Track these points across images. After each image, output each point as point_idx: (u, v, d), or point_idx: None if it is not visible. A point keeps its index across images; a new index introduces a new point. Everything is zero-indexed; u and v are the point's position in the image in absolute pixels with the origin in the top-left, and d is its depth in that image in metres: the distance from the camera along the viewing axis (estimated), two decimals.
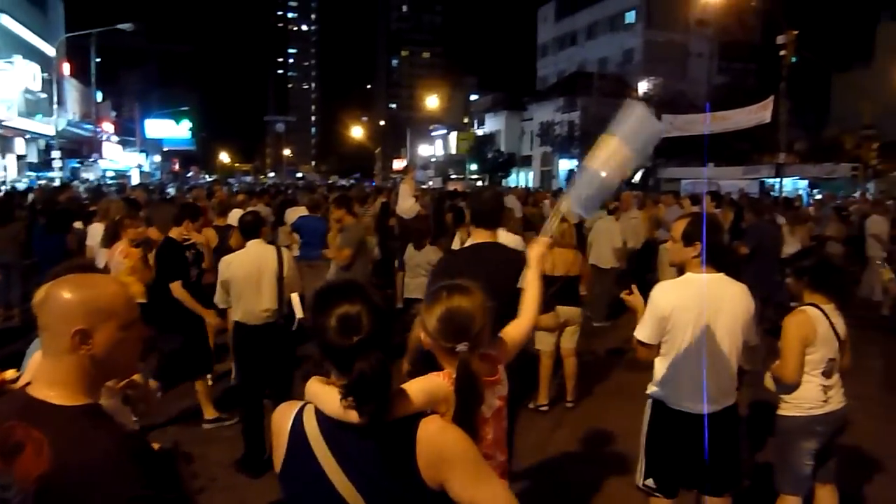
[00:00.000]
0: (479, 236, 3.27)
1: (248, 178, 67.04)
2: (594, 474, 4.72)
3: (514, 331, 2.26)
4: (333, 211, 7.39)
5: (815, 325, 3.31)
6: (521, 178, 54.73)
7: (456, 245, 6.49)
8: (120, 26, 28.83)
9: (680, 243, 3.09)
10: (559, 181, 47.21)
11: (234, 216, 7.38)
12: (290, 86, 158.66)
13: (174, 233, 5.63)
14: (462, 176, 49.28)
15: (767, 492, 3.61)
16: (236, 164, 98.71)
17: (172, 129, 50.90)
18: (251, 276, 4.80)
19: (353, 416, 1.53)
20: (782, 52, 21.94)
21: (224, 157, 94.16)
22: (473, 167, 53.58)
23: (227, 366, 6.46)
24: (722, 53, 51.58)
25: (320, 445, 1.60)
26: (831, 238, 11.20)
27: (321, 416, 1.62)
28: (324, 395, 1.62)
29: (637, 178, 39.73)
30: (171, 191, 22.78)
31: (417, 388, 1.74)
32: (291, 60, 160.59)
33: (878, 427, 5.67)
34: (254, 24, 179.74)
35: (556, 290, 5.88)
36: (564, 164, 49.30)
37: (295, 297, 4.94)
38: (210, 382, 6.35)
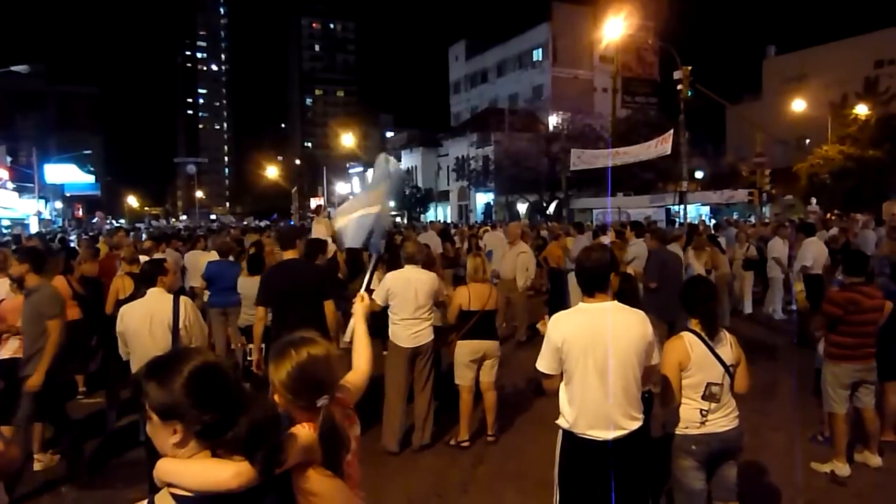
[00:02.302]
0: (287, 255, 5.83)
1: (161, 222, 64.65)
2: None
3: (355, 378, 2.40)
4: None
5: (689, 350, 3.47)
6: (440, 213, 55.25)
7: (375, 283, 6.40)
8: (14, 68, 27.52)
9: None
10: (476, 215, 47.95)
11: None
12: (200, 126, 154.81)
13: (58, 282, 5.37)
14: None
15: None
16: (146, 208, 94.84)
17: (74, 174, 48.64)
18: (144, 327, 4.62)
19: (243, 479, 1.47)
20: (679, 87, 23.22)
21: (132, 200, 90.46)
22: (391, 204, 53.62)
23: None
24: (625, 89, 54.23)
25: None
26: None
27: (183, 500, 1.51)
28: (201, 468, 1.53)
29: (551, 209, 40.95)
30: (74, 238, 21.65)
31: (294, 442, 1.74)
32: (202, 101, 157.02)
33: (778, 439, 5.96)
34: (161, 64, 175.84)
35: (473, 325, 5.94)
36: (481, 198, 50.18)
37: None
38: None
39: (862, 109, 32.56)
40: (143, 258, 7.31)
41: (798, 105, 33.59)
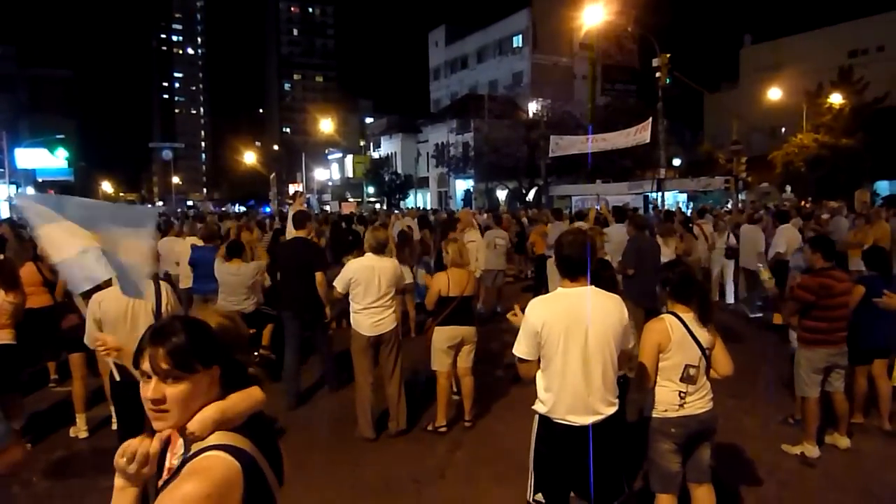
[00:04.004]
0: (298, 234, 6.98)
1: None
2: (495, 494, 4.74)
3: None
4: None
5: (671, 332, 3.49)
6: (419, 200, 55.14)
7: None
8: None
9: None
10: (456, 201, 47.93)
11: None
12: (176, 111, 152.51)
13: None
14: (359, 199, 49.00)
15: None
16: (121, 194, 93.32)
17: (47, 159, 47.62)
18: (125, 313, 4.51)
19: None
20: (657, 75, 23.30)
21: (107, 186, 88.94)
22: (371, 190, 53.49)
23: (105, 410, 6.04)
24: (604, 76, 54.43)
25: None
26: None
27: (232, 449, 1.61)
28: (239, 398, 1.71)
29: (531, 195, 41.05)
30: None
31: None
32: (177, 85, 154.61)
33: (751, 422, 6.05)
34: (136, 47, 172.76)
35: (451, 311, 5.94)
36: (461, 185, 50.12)
37: None
38: (85, 433, 5.95)
39: (836, 98, 32.99)
40: None
41: (774, 94, 33.95)
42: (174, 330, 1.60)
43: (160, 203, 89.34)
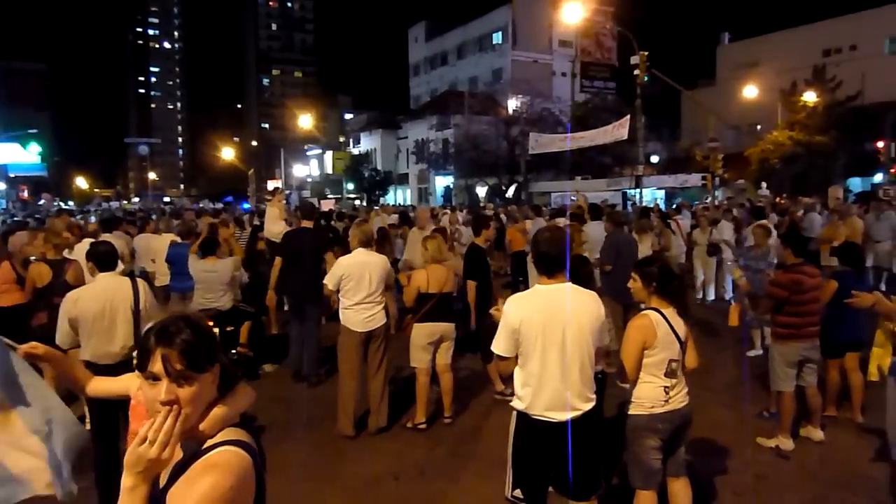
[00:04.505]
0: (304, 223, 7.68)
1: (114, 204, 62.73)
2: (475, 490, 4.75)
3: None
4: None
5: (656, 328, 3.51)
6: (399, 196, 55.03)
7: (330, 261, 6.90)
8: None
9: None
10: (436, 198, 47.91)
11: (82, 248, 6.83)
12: (153, 106, 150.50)
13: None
14: (339, 196, 48.76)
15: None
16: (95, 190, 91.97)
17: (19, 154, 46.77)
18: (103, 312, 4.44)
19: None
20: (636, 72, 23.47)
21: (81, 182, 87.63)
22: (350, 186, 53.26)
23: (79, 410, 5.94)
24: (584, 73, 54.66)
25: None
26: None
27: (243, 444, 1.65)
28: (240, 395, 1.76)
29: (510, 192, 41.16)
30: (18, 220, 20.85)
31: None
32: (154, 79, 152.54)
33: (727, 416, 6.13)
34: (111, 40, 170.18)
35: (431, 307, 5.93)
36: (441, 181, 50.11)
37: None
38: None
39: (810, 96, 33.43)
40: (87, 241, 7.07)
41: (750, 91, 34.29)
42: (181, 330, 1.58)
43: (136, 199, 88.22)
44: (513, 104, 42.86)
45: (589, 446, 3.12)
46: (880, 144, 28.46)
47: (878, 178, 30.88)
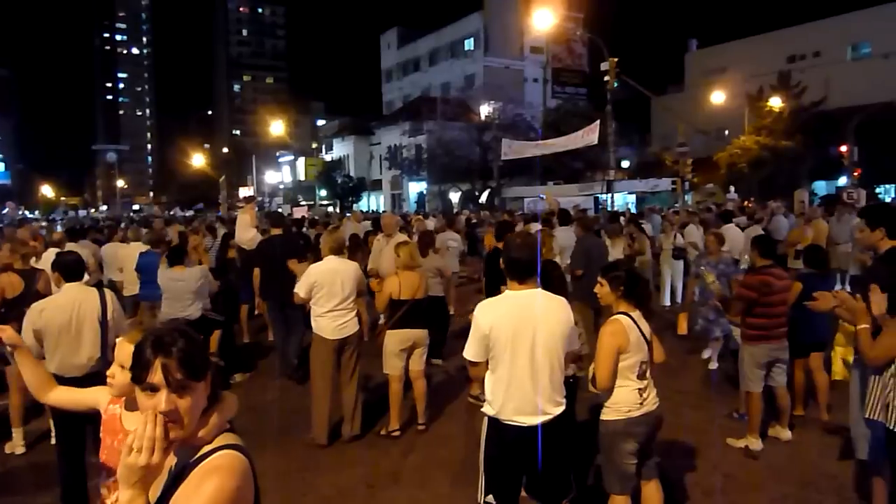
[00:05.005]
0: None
1: (82, 213, 61.53)
2: (449, 497, 4.74)
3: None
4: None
5: (628, 332, 3.54)
6: (372, 203, 54.88)
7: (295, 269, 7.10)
8: None
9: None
10: (409, 204, 47.88)
11: (48, 258, 6.69)
12: (121, 112, 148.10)
13: None
14: (312, 202, 48.46)
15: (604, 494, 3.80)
16: (62, 198, 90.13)
17: None
18: (69, 323, 4.36)
19: None
20: (606, 79, 23.71)
21: (47, 190, 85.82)
22: (323, 193, 52.96)
23: (44, 424, 5.82)
24: (555, 79, 55.18)
25: None
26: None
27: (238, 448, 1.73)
28: (230, 402, 1.81)
29: (483, 197, 41.30)
30: None
31: None
32: (122, 85, 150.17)
33: (697, 418, 6.21)
34: (77, 46, 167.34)
35: (403, 314, 5.92)
36: (414, 187, 50.11)
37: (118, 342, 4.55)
38: (22, 448, 5.71)
39: (776, 102, 34.09)
40: (53, 251, 6.93)
41: (717, 97, 34.84)
42: (176, 339, 1.60)
43: (104, 207, 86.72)
44: (485, 110, 43.04)
45: (559, 450, 3.13)
46: (844, 149, 29.10)
47: (843, 181, 31.59)
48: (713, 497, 4.65)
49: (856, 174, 28.75)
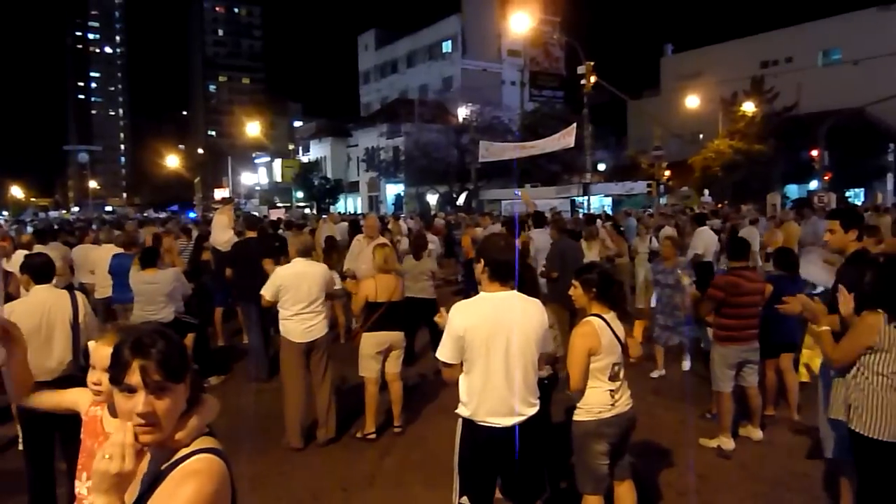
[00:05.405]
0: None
1: (53, 214, 60.46)
2: (425, 499, 4.74)
3: None
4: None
5: (600, 334, 3.56)
6: (350, 204, 54.67)
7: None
8: None
9: (480, 265, 3.21)
10: (387, 206, 47.80)
11: (17, 260, 6.56)
12: (94, 112, 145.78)
13: None
14: (289, 204, 48.16)
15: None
16: (32, 199, 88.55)
17: None
18: (39, 326, 4.28)
19: None
20: (583, 82, 23.90)
21: (17, 191, 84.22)
22: (300, 195, 52.66)
23: (11, 430, 5.70)
24: (532, 82, 55.49)
25: None
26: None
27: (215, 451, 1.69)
28: (210, 404, 1.81)
29: (461, 200, 41.36)
30: None
31: None
32: (95, 85, 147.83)
33: (670, 418, 6.27)
34: (49, 45, 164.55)
35: (379, 316, 5.90)
36: (391, 189, 50.03)
37: (92, 345, 4.48)
38: None
39: (749, 107, 34.62)
40: (21, 253, 6.81)
41: (692, 101, 35.31)
42: (156, 340, 1.58)
43: (76, 209, 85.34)
44: (463, 112, 43.15)
45: (533, 451, 3.14)
46: (815, 153, 29.64)
47: (814, 185, 32.16)
48: (686, 497, 4.70)
49: (826, 178, 29.30)
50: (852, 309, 3.43)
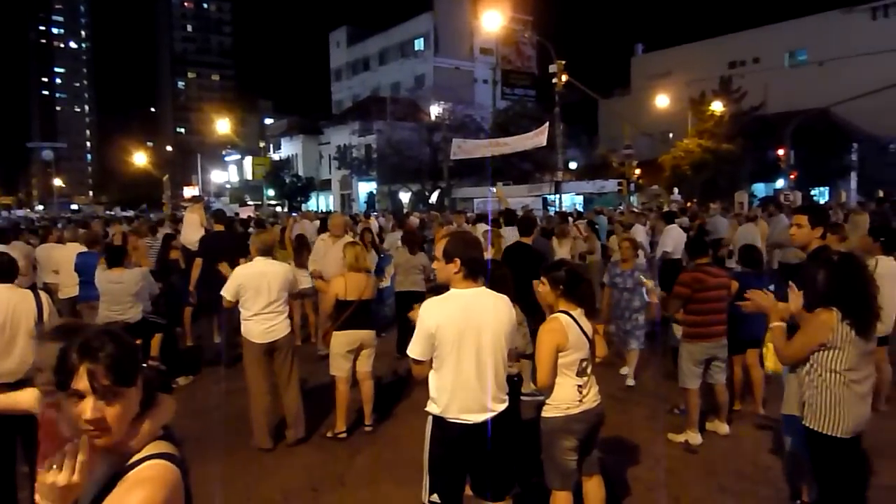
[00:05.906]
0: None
1: (19, 213, 59.02)
2: (396, 498, 4.73)
3: None
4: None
5: (567, 331, 3.58)
6: (321, 203, 54.32)
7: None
8: None
9: (442, 261, 3.21)
10: (359, 204, 47.60)
11: None
12: (58, 108, 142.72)
13: None
14: (259, 202, 47.66)
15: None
16: None
17: None
18: (3, 326, 4.20)
19: None
20: (554, 80, 24.06)
21: None
22: (271, 193, 52.17)
23: None
24: (504, 81, 55.61)
25: None
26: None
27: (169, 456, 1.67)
28: (167, 405, 1.79)
29: (433, 198, 41.34)
30: None
31: None
32: (59, 80, 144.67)
33: (639, 414, 6.35)
34: (10, 39, 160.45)
35: (350, 315, 5.87)
36: (364, 187, 49.83)
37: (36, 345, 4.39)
38: None
39: (717, 106, 35.17)
40: None
41: (662, 101, 35.75)
42: (105, 343, 1.52)
43: (40, 207, 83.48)
44: (435, 110, 43.10)
45: (502, 447, 3.16)
46: (781, 152, 30.21)
47: (780, 183, 32.79)
48: (655, 491, 4.75)
49: (792, 177, 29.88)
50: (801, 305, 3.49)
